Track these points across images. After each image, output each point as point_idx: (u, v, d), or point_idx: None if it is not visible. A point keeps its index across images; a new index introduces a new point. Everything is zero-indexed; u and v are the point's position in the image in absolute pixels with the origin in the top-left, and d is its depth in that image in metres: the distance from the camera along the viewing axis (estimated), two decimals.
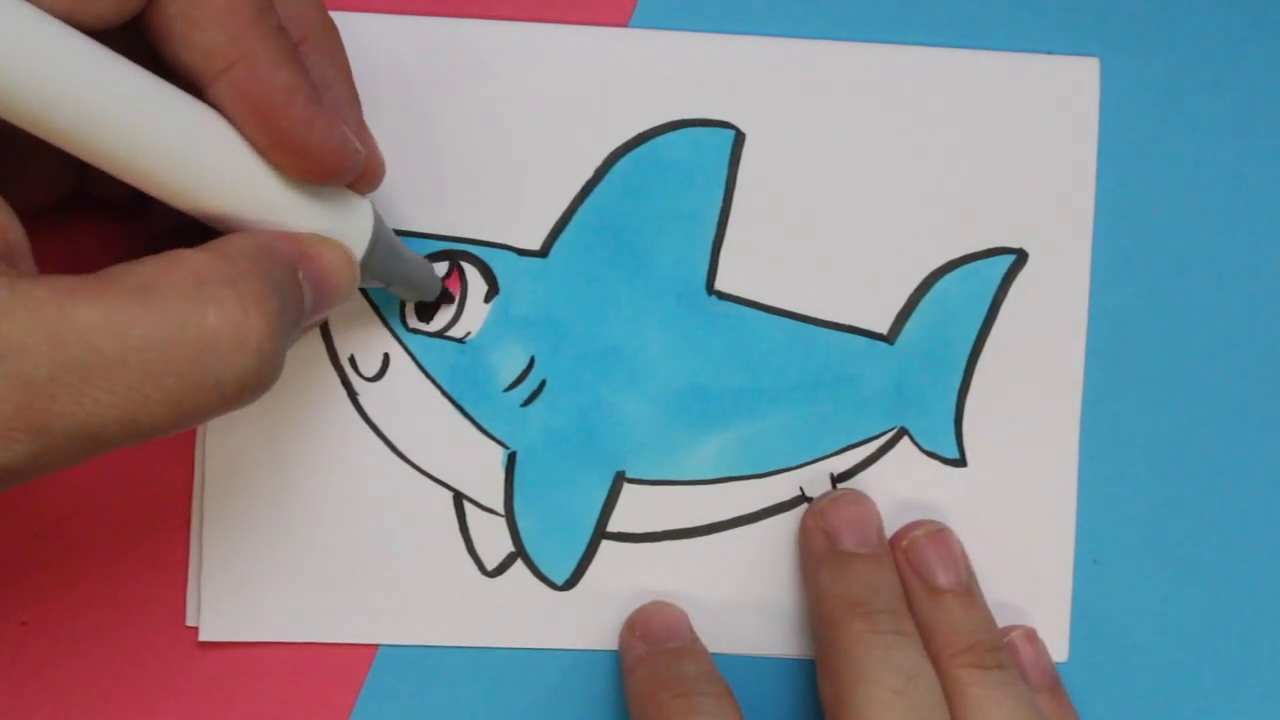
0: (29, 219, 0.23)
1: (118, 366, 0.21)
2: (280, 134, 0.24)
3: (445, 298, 0.32)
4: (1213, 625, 0.33)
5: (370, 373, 0.32)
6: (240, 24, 0.24)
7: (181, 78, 0.24)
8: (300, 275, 0.25)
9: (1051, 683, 0.32)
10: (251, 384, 0.23)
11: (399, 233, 0.32)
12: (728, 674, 0.31)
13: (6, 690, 0.32)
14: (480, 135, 0.32)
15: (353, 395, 0.32)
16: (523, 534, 0.32)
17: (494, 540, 0.32)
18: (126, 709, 0.32)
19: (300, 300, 0.25)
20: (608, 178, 0.32)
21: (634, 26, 0.32)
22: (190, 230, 0.26)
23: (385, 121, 0.32)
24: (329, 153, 0.25)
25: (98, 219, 0.31)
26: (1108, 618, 0.33)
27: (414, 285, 0.30)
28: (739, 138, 0.32)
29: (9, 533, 0.32)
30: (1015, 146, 0.33)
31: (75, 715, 0.32)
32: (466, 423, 0.32)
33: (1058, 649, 0.33)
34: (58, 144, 0.22)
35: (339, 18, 0.28)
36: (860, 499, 0.32)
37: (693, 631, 0.32)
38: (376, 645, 0.32)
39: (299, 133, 0.24)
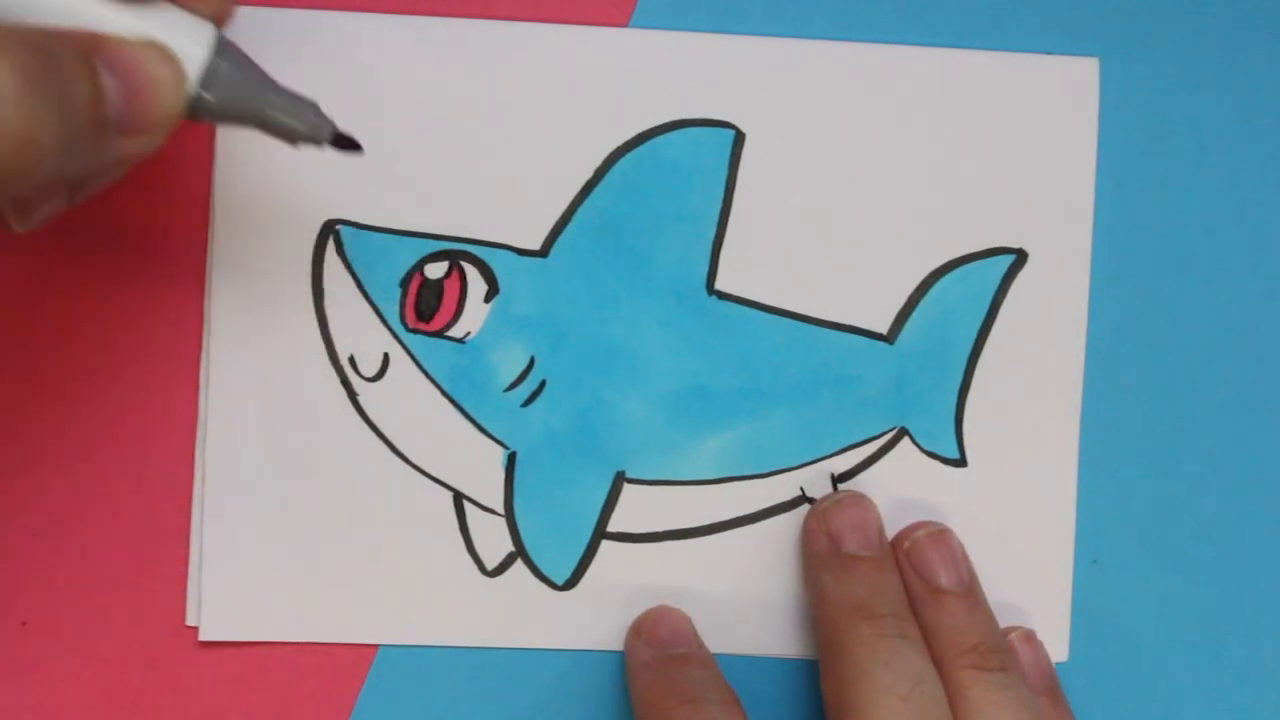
0: None
1: None
2: None
3: (344, 143, 0.27)
4: (1213, 625, 0.33)
5: (370, 373, 0.32)
6: None
7: None
8: (99, 66, 0.23)
9: (1050, 685, 0.32)
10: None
11: (399, 232, 0.32)
12: (729, 674, 0.31)
13: (6, 690, 0.32)
14: (480, 135, 0.32)
15: (353, 395, 0.32)
16: (523, 534, 0.32)
17: (494, 540, 0.32)
18: (126, 709, 0.32)
19: (93, 87, 0.23)
20: (608, 178, 0.32)
21: (634, 26, 0.32)
22: None
23: (386, 121, 0.32)
24: None
25: None
26: (1108, 618, 0.33)
27: (285, 126, 0.26)
28: (739, 138, 0.32)
29: (9, 533, 0.32)
30: (1015, 146, 0.33)
31: (75, 715, 0.32)
32: (466, 423, 0.32)
33: (1058, 649, 0.33)
34: None
35: (340, 18, 0.28)
36: (862, 501, 0.32)
37: (698, 637, 0.32)
38: (376, 645, 0.32)
39: None
